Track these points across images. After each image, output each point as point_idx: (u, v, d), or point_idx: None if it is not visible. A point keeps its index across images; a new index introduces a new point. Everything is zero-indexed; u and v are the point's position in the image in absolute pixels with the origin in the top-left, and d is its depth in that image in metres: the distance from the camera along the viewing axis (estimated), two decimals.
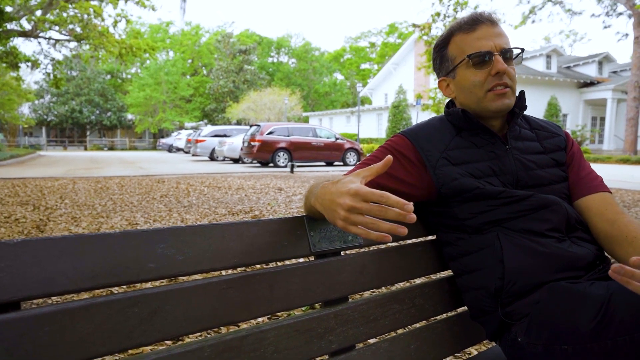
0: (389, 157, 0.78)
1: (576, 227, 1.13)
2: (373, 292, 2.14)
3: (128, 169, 14.46)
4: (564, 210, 1.11)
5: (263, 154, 15.75)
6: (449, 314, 1.26)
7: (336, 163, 17.45)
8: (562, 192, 1.17)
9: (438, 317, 1.24)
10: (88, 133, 48.27)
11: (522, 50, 1.15)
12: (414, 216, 0.69)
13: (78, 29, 16.46)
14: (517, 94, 1.20)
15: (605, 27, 27.08)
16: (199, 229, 0.86)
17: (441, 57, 1.21)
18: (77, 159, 22.05)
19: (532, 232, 1.09)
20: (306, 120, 41.12)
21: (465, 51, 1.13)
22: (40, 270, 0.68)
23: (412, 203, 0.70)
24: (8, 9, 14.60)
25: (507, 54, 1.12)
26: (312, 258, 1.03)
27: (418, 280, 1.25)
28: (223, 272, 2.17)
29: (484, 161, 1.14)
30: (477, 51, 1.12)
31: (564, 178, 1.19)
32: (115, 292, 0.89)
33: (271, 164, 16.05)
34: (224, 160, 20.24)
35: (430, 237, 1.27)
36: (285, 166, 15.64)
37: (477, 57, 1.12)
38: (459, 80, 1.17)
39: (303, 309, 2.01)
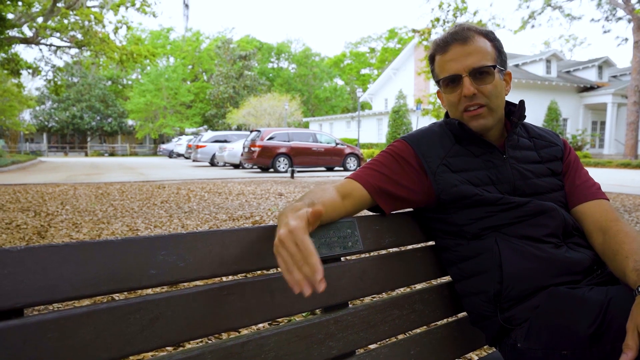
0: (319, 210, 0.84)
1: (573, 233, 1.14)
2: (373, 297, 2.14)
3: (129, 175, 14.47)
4: (560, 216, 1.12)
5: (263, 159, 15.77)
6: (449, 320, 1.27)
7: (336, 168, 17.46)
8: (559, 200, 1.17)
9: (438, 323, 1.24)
10: (89, 139, 48.34)
11: (494, 67, 1.13)
12: (321, 287, 0.73)
13: (79, 36, 16.55)
14: (516, 104, 1.21)
15: (604, 32, 27.20)
16: (200, 235, 0.86)
17: (432, 72, 1.24)
18: (78, 165, 22.08)
19: (530, 238, 1.09)
20: (306, 125, 41.16)
21: (440, 73, 1.17)
22: (42, 277, 0.69)
23: (322, 276, 0.74)
24: (10, 16, 14.68)
25: (478, 73, 1.11)
26: None
27: (418, 286, 1.26)
28: (224, 278, 2.17)
29: (482, 170, 1.15)
30: (445, 75, 1.14)
31: (561, 187, 1.20)
32: (117, 298, 0.90)
33: (271, 170, 16.07)
34: (224, 165, 20.26)
35: (430, 243, 1.27)
36: (286, 171, 15.65)
37: (446, 81, 1.15)
38: (444, 97, 1.20)
39: (303, 314, 2.01)
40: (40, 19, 16.05)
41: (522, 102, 1.21)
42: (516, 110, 1.20)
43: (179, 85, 47.50)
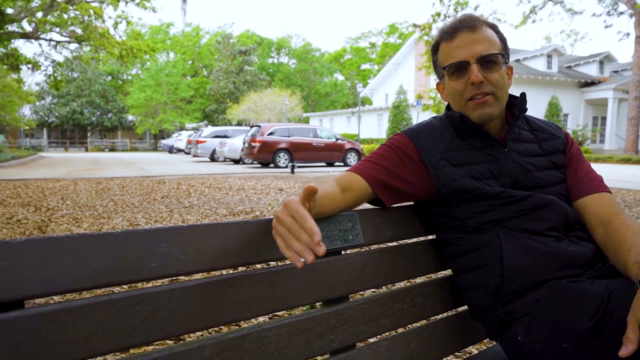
0: (313, 187, 0.79)
1: (574, 227, 1.13)
2: (373, 291, 2.14)
3: (129, 170, 14.47)
4: (562, 210, 1.11)
5: (264, 154, 15.76)
6: (450, 313, 1.27)
7: (337, 163, 17.45)
8: (561, 193, 1.17)
9: (438, 316, 1.24)
10: (89, 134, 48.31)
11: (503, 55, 1.13)
12: (322, 250, 0.71)
13: (79, 31, 16.50)
14: (517, 96, 1.21)
15: (606, 27, 27.07)
16: (201, 228, 0.86)
17: (434, 62, 1.23)
18: (78, 160, 22.07)
19: (531, 232, 1.09)
20: (307, 120, 41.11)
21: (446, 60, 1.15)
22: (43, 269, 0.69)
23: (320, 236, 0.72)
24: (9, 10, 14.63)
25: (486, 61, 1.11)
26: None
27: (418, 280, 1.26)
28: (224, 272, 2.18)
29: (483, 164, 1.14)
30: (452, 62, 1.13)
31: (563, 180, 1.19)
32: (117, 291, 0.90)
33: (272, 165, 16.06)
34: (224, 161, 20.25)
35: (430, 237, 1.27)
36: (286, 167, 15.65)
37: (453, 68, 1.13)
38: (447, 87, 1.19)
39: (304, 308, 2.02)
40: (39, 14, 16.00)
41: (523, 95, 1.20)
42: (518, 103, 1.19)
43: (179, 80, 47.40)
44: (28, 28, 16.61)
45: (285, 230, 0.75)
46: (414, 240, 1.25)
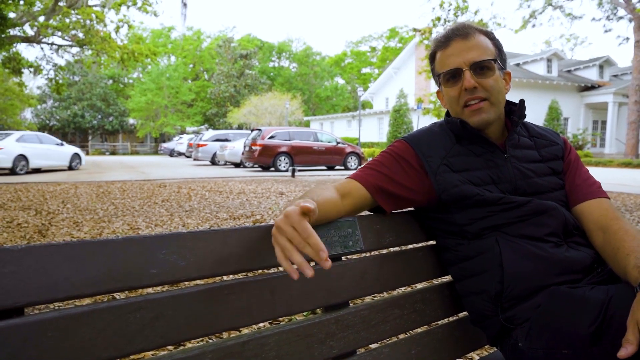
0: (307, 206, 0.77)
1: (573, 232, 1.14)
2: (374, 297, 2.14)
3: (130, 174, 14.48)
4: (561, 216, 1.12)
5: (264, 158, 15.77)
6: (450, 319, 1.27)
7: (337, 167, 17.46)
8: (560, 199, 1.17)
9: (439, 322, 1.24)
10: (90, 138, 48.35)
11: (495, 60, 1.14)
12: (329, 264, 0.72)
13: (80, 35, 16.54)
14: (517, 103, 1.21)
15: (605, 31, 27.14)
16: (201, 234, 0.86)
17: (432, 71, 1.25)
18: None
19: (531, 237, 1.09)
20: (307, 124, 41.13)
21: (441, 68, 1.17)
22: (43, 276, 0.69)
23: (327, 252, 0.72)
24: (11, 14, 14.68)
25: (479, 67, 1.12)
26: (312, 263, 1.03)
27: (419, 285, 1.26)
28: (224, 278, 2.18)
29: (483, 169, 1.15)
30: (446, 69, 1.15)
31: (561, 186, 1.20)
32: (118, 297, 0.90)
33: (272, 168, 16.07)
34: (225, 164, 20.26)
35: (430, 242, 1.27)
36: (287, 170, 15.65)
37: (448, 75, 1.15)
38: (444, 95, 1.21)
39: (304, 314, 2.01)
40: (41, 18, 16.05)
41: (522, 101, 1.21)
42: (517, 109, 1.20)
43: (180, 84, 47.47)
44: (30, 32, 16.66)
45: (285, 241, 0.75)
46: (415, 246, 1.25)
